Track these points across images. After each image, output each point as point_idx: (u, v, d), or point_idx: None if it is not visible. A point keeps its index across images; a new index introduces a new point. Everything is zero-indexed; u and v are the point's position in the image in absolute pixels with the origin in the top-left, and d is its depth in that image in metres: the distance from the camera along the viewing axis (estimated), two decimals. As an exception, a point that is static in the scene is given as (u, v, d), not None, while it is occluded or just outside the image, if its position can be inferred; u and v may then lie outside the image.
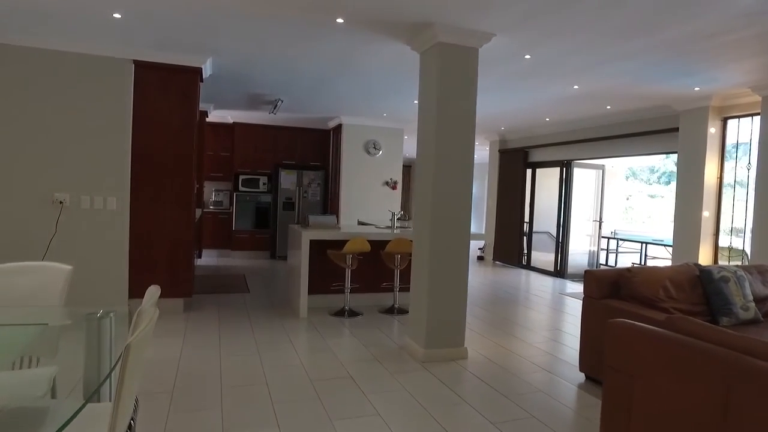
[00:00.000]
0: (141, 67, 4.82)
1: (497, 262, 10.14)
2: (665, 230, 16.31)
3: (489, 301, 6.35)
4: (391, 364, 3.87)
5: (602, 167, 9.16)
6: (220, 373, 3.53)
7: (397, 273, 5.55)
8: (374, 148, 9.06)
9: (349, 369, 3.73)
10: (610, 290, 3.63)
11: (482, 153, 11.75)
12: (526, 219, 9.81)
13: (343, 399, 3.19)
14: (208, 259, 8.95)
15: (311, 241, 5.18)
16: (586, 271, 3.74)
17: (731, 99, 5.79)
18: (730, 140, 6.05)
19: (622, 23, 3.69)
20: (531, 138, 9.37)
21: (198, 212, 6.86)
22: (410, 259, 5.44)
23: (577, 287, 7.88)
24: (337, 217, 8.65)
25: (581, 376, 3.75)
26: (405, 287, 5.74)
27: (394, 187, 9.31)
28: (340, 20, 3.75)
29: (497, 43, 4.06)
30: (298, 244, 5.23)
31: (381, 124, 8.99)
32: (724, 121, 6.03)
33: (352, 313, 5.33)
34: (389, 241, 5.37)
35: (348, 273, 5.35)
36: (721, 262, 6.08)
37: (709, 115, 5.95)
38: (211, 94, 6.87)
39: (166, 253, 4.98)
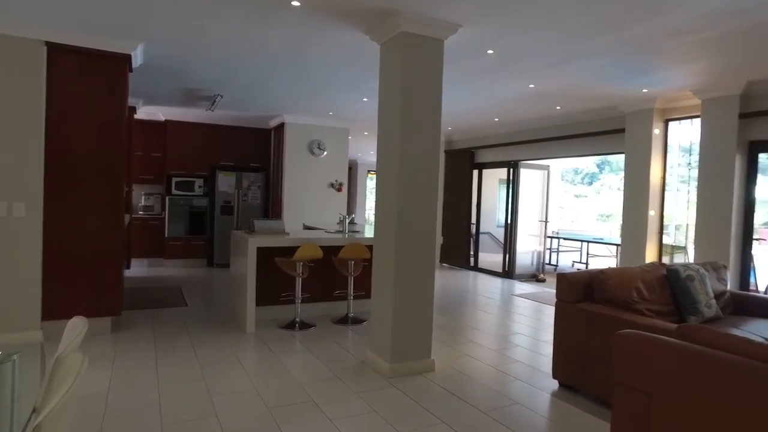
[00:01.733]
0: (56, 50, 4.16)
1: (445, 265, 10.03)
2: (592, 228, 17.05)
3: (445, 307, 6.15)
4: (355, 382, 3.53)
5: (548, 168, 9.29)
6: (160, 406, 3.03)
7: (351, 280, 5.21)
8: (318, 148, 8.66)
9: (309, 391, 3.34)
10: (583, 293, 3.48)
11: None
12: (473, 220, 9.77)
13: (308, 428, 2.81)
14: (137, 269, 8.16)
15: (258, 249, 4.73)
16: (558, 275, 3.58)
17: (673, 102, 5.94)
18: (671, 141, 6.21)
19: (590, 20, 3.58)
20: (478, 138, 9.34)
21: (126, 218, 6.17)
22: (365, 266, 5.14)
23: (526, 287, 7.88)
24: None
25: (555, 384, 3.59)
26: (359, 295, 5.42)
27: (339, 189, 8.94)
28: (295, 2, 3.37)
29: (462, 35, 3.84)
30: (244, 251, 4.76)
31: (326, 123, 8.61)
32: (666, 122, 6.18)
33: (304, 325, 4.92)
34: (342, 246, 5.02)
35: (298, 282, 4.94)
36: (665, 259, 6.23)
37: (654, 117, 6.07)
38: (141, 87, 6.21)
39: (88, 265, 4.34)
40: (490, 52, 4.35)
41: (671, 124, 6.16)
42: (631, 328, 2.99)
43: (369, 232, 5.88)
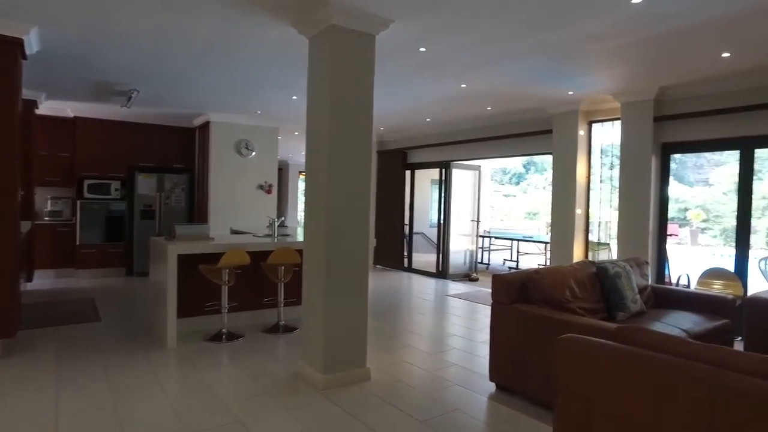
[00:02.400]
0: (-69, 35, 3.61)
1: (378, 266, 9.94)
2: (521, 227, 17.71)
3: (379, 310, 6.02)
4: (287, 397, 3.30)
5: (479, 168, 9.43)
6: (59, 439, 2.66)
7: (281, 287, 4.95)
8: (246, 148, 8.27)
9: (236, 410, 3.08)
10: (518, 294, 3.47)
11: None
12: (406, 221, 9.75)
13: (233, 453, 2.56)
14: (42, 281, 7.38)
15: (180, 256, 4.36)
16: (494, 276, 3.54)
17: (596, 104, 6.18)
18: (595, 142, 6.46)
19: (524, 18, 3.58)
20: (411, 139, 9.32)
21: (26, 225, 5.53)
22: (295, 271, 4.91)
23: (460, 287, 7.93)
24: (208, 225, 7.70)
25: (492, 386, 3.55)
26: (290, 302, 5.17)
27: (269, 191, 8.60)
28: (213, -13, 3.10)
29: (394, 31, 3.71)
30: (163, 259, 4.37)
31: (254, 122, 8.24)
32: (590, 124, 6.42)
33: (232, 336, 4.60)
34: (271, 251, 4.75)
35: (224, 290, 4.62)
36: (590, 256, 6.47)
37: (579, 119, 6.29)
38: (42, 78, 5.59)
39: (-24, 280, 3.80)
40: (422, 49, 4.27)
41: (594, 125, 6.40)
42: (566, 328, 2.99)
43: (301, 236, 5.64)
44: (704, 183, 19.68)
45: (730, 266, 5.19)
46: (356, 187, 3.59)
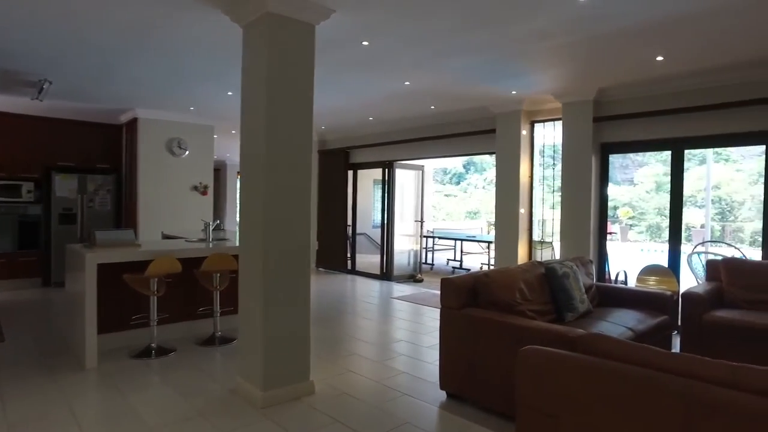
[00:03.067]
0: None
1: (321, 269, 9.66)
2: (462, 226, 17.96)
3: (322, 316, 5.78)
4: (223, 419, 3.01)
5: (422, 168, 9.37)
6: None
7: (217, 295, 4.61)
8: (179, 147, 7.76)
9: (163, 438, 2.76)
10: (468, 298, 3.35)
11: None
12: (349, 222, 9.55)
13: (158, 491, 2.26)
14: (-58, 295, 6.57)
15: (101, 265, 3.93)
16: (443, 280, 3.41)
17: (538, 104, 6.24)
18: (537, 142, 6.53)
19: (462, 16, 3.48)
20: (353, 138, 9.11)
21: None
22: (233, 278, 4.58)
23: (404, 289, 7.82)
24: (135, 230, 7.14)
25: (443, 395, 3.41)
26: (227, 311, 4.83)
27: (204, 193, 8.12)
28: (131, -36, 2.76)
29: (336, 22, 3.50)
30: (81, 269, 3.93)
31: (187, 119, 7.75)
32: (533, 124, 6.48)
33: (162, 351, 4.22)
34: (205, 257, 4.41)
35: (153, 301, 4.22)
36: (536, 255, 6.53)
37: (521, 119, 6.32)
38: (-66, 67, 4.93)
39: None
40: (365, 43, 4.08)
41: (537, 125, 6.47)
42: (521, 333, 2.90)
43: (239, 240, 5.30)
44: (629, 182, 20.83)
45: (661, 261, 5.37)
46: (296, 187, 3.34)
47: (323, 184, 9.66)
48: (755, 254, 6.14)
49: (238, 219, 14.12)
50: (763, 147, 4.93)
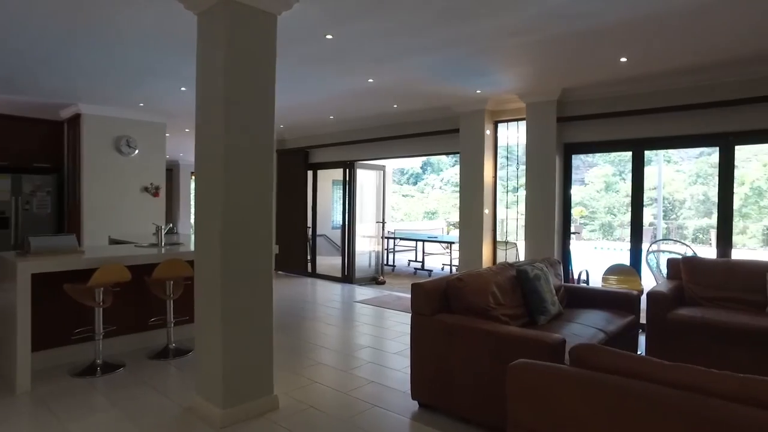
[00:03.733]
0: None
1: (281, 273, 9.36)
2: (420, 226, 18.00)
3: (284, 322, 5.53)
4: (177, 443, 2.75)
5: (383, 168, 9.23)
6: None
7: (170, 304, 4.29)
8: (128, 146, 7.30)
9: (109, 468, 2.47)
10: (440, 304, 3.21)
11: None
12: (309, 224, 9.29)
13: None
14: None
15: (36, 275, 3.56)
16: (413, 285, 3.25)
17: (502, 104, 6.21)
18: (501, 142, 6.50)
19: (431, 11, 3.35)
20: (313, 137, 8.86)
21: None
22: (187, 285, 4.28)
23: (367, 292, 7.65)
24: (79, 235, 6.65)
25: (414, 405, 3.26)
26: (182, 320, 4.52)
27: (156, 194, 7.68)
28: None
29: (299, 13, 3.29)
30: (12, 279, 3.53)
31: (136, 116, 7.30)
32: (496, 124, 6.45)
33: (109, 368, 3.87)
34: (157, 264, 4.09)
35: (99, 313, 3.87)
36: (499, 255, 6.50)
37: (485, 118, 6.27)
38: None
39: None
40: (329, 37, 3.88)
41: (500, 125, 6.44)
42: (495, 339, 2.78)
43: (194, 244, 4.98)
44: (581, 182, 21.52)
45: (615, 258, 5.43)
46: (258, 187, 3.12)
47: (282, 185, 9.37)
48: (700, 251, 6.39)
49: (192, 222, 13.57)
50: (705, 148, 5.05)
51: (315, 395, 3.44)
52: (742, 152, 20.60)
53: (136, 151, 7.37)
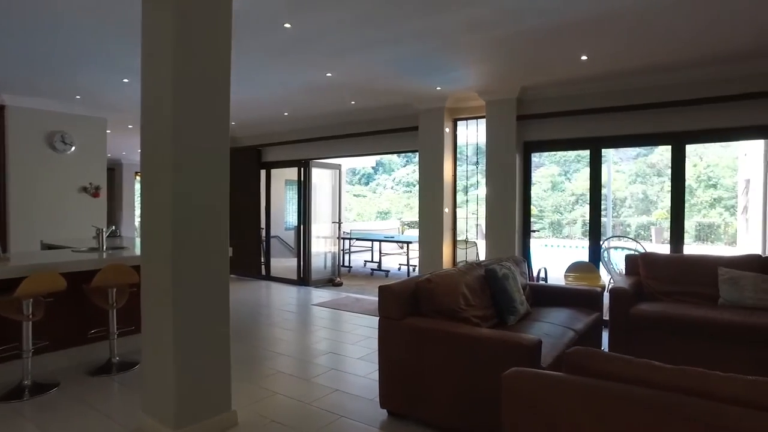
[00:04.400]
0: None
1: (233, 276, 8.97)
2: (373, 226, 17.89)
3: (239, 329, 5.23)
4: (123, 471, 2.45)
5: (339, 167, 9.02)
6: None
7: (113, 314, 3.93)
8: (63, 142, 6.74)
9: (42, 506, 2.16)
10: (409, 307, 3.06)
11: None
12: (263, 225, 8.95)
13: None
14: None
15: (-47, 286, 3.14)
16: (381, 288, 3.08)
17: (462, 102, 6.15)
18: (460, 140, 6.45)
19: (395, 2, 3.20)
20: (266, 135, 8.53)
21: None
22: (132, 292, 3.93)
23: (324, 294, 7.43)
24: (4, 240, 6.07)
25: (383, 414, 3.09)
26: (126, 331, 4.15)
27: (96, 195, 7.15)
28: None
29: (255, -4, 3.06)
30: (-74, 292, 3.10)
31: (73, 110, 6.75)
32: (455, 122, 6.39)
33: (40, 389, 3.46)
34: (98, 270, 3.73)
35: (27, 327, 3.46)
36: (459, 255, 6.45)
37: (445, 116, 6.20)
38: None
39: None
40: (287, 26, 3.66)
41: (459, 123, 6.38)
42: (469, 343, 2.66)
43: (140, 248, 4.61)
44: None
45: (566, 254, 5.48)
46: (212, 185, 2.86)
47: (233, 185, 8.87)
48: (646, 247, 6.63)
49: (137, 225, 12.85)
50: (643, 149, 5.19)
51: (276, 408, 3.21)
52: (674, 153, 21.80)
53: (73, 148, 6.83)
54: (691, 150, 21.38)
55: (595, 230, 5.48)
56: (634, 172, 22.19)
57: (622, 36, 3.90)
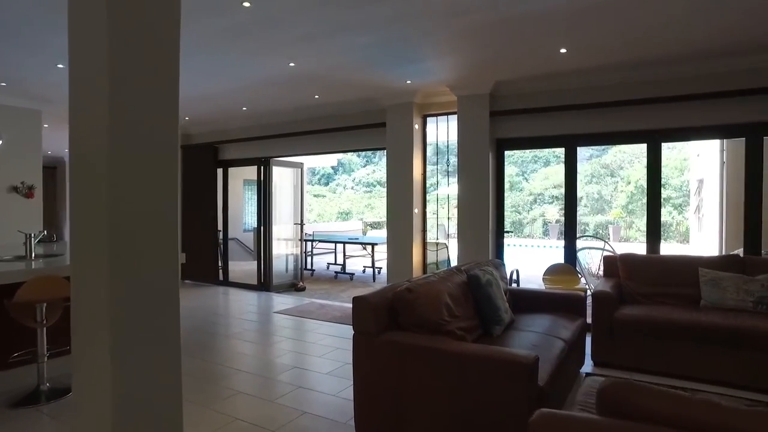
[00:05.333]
0: None
1: (188, 282, 8.40)
2: (335, 228, 17.45)
3: (193, 341, 4.76)
4: None
5: (301, 165, 8.58)
6: None
7: (42, 333, 3.41)
8: (-10, 137, 6.04)
9: None
10: (388, 320, 2.73)
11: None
12: (220, 227, 8.42)
13: None
14: None
15: None
16: (355, 300, 2.73)
17: (431, 97, 5.87)
18: (430, 138, 6.17)
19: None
20: (223, 132, 8.00)
21: None
22: (66, 307, 3.41)
23: (287, 300, 7.00)
24: None
25: (359, 442, 2.75)
26: (60, 351, 3.61)
27: (30, 195, 6.45)
28: None
29: (207, -36, 2.65)
30: None
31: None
32: (425, 118, 6.10)
33: (-47, 422, 2.94)
34: (23, 282, 3.21)
35: (-62, 350, 2.93)
36: (430, 257, 6.17)
37: (414, 112, 5.90)
38: None
39: None
40: (246, 5, 3.25)
41: (429, 120, 6.10)
42: (459, 361, 2.36)
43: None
44: None
45: (532, 255, 5.31)
46: (157, 190, 2.42)
47: (188, 185, 8.39)
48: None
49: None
50: (596, 150, 5.07)
51: (236, 438, 2.81)
52: (625, 155, 22.43)
53: (0, 143, 6.12)
54: (640, 152, 22.13)
55: (570, 230, 5.30)
56: (589, 173, 22.67)
57: (605, 28, 3.71)
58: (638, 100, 4.74)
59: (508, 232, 5.75)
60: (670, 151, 21.77)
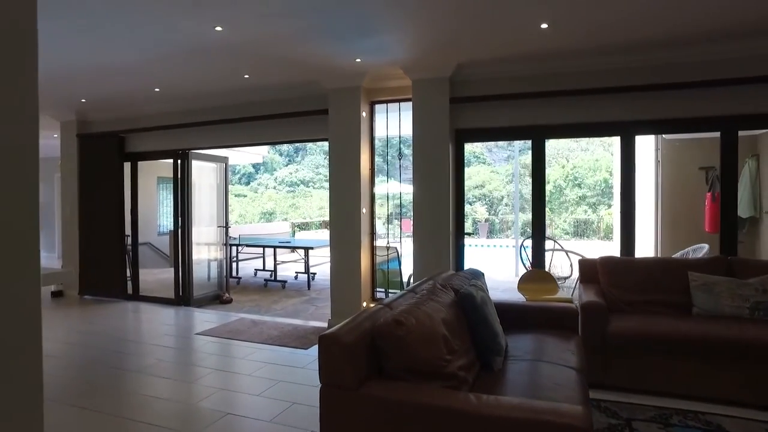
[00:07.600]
0: None
1: (87, 297, 7.08)
2: (260, 230, 16.27)
3: (85, 385, 3.70)
4: None
5: (225, 160, 7.52)
6: None
7: None
8: None
9: None
10: (368, 365, 1.96)
11: (50, 141, 8.19)
12: (128, 231, 7.17)
13: None
14: None
15: None
16: (321, 338, 1.93)
17: (380, 81, 5.13)
18: (380, 128, 5.44)
19: None
20: (131, 119, 6.75)
21: None
22: None
23: (211, 317, 6.00)
24: None
25: None
26: None
27: None
28: None
29: None
30: None
31: None
32: (372, 105, 5.36)
33: None
34: None
35: None
36: (380, 262, 5.44)
37: (361, 97, 5.13)
38: None
39: None
40: (155, -75, 2.33)
41: (377, 107, 5.36)
42: (484, 426, 1.63)
43: None
44: (410, 181, 22.38)
45: (477, 255, 4.79)
46: (10, 185, 1.49)
47: (86, 182, 7.06)
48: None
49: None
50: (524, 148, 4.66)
51: None
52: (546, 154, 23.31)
53: None
54: (557, 153, 22.92)
55: (539, 230, 4.79)
56: (510, 173, 23.09)
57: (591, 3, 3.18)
58: (612, 88, 4.30)
59: (468, 233, 5.15)
60: (584, 152, 22.69)
